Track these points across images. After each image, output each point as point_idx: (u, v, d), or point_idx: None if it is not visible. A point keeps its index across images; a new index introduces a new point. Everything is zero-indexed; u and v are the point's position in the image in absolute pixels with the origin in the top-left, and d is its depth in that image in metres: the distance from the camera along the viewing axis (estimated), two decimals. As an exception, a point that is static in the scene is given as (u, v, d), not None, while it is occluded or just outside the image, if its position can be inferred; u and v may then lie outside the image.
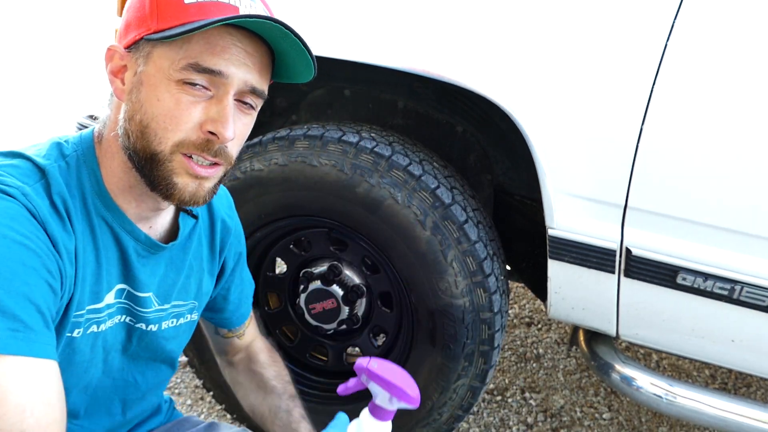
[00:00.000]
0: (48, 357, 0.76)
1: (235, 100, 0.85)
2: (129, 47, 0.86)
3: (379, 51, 1.45)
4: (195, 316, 1.10)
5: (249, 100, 0.88)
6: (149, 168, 0.85)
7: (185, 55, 0.81)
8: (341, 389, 0.95)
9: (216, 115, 0.83)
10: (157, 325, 1.01)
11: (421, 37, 1.43)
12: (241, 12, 0.83)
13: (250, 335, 1.25)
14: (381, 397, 0.88)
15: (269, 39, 0.86)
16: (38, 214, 0.80)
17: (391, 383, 0.87)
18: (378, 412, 0.90)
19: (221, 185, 1.09)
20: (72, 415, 0.96)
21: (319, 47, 1.47)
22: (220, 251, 1.11)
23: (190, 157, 0.84)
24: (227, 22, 0.80)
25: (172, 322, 1.04)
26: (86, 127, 1.81)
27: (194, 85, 0.82)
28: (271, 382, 1.20)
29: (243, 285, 1.20)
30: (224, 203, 1.13)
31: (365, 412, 0.91)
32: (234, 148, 0.89)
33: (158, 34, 0.81)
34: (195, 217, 1.03)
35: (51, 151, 0.88)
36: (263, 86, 0.88)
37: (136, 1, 0.86)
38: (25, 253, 0.76)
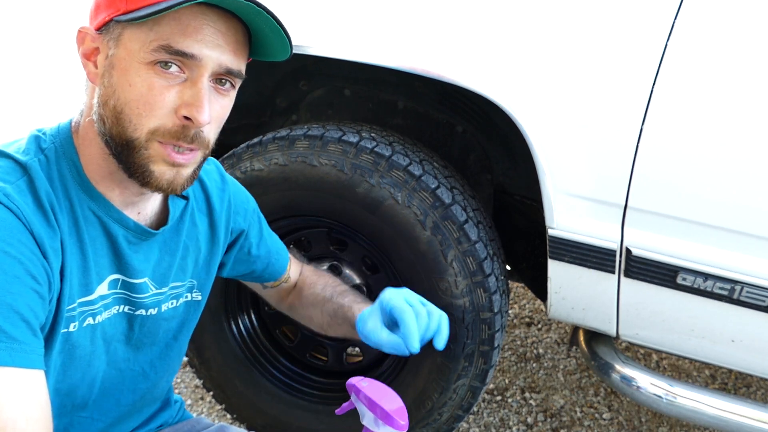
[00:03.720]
0: (32, 366, 0.75)
1: (211, 81, 0.83)
2: (100, 29, 0.83)
3: (379, 51, 1.45)
4: (197, 296, 1.08)
5: (226, 80, 0.85)
6: (126, 154, 0.82)
7: (156, 36, 0.78)
8: (338, 410, 0.95)
9: (190, 98, 0.80)
10: (156, 309, 1.00)
11: (421, 37, 1.42)
12: None
13: (295, 273, 1.28)
14: (367, 418, 0.86)
15: (243, 17, 0.82)
16: (22, 214, 0.78)
17: (376, 404, 0.84)
18: None
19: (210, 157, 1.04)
20: (80, 407, 0.96)
21: (320, 47, 1.47)
22: (225, 227, 1.08)
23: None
24: (198, 1, 0.77)
25: (172, 303, 1.03)
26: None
27: (167, 66, 0.79)
28: (321, 294, 1.22)
29: (266, 242, 1.18)
30: (215, 175, 1.10)
31: None
32: (211, 132, 0.86)
33: (127, 15, 0.78)
34: (185, 198, 1.01)
35: (30, 146, 0.86)
36: (240, 66, 0.85)
37: None
38: (6, 261, 0.75)
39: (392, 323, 1.06)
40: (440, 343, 1.11)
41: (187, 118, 0.81)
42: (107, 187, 0.88)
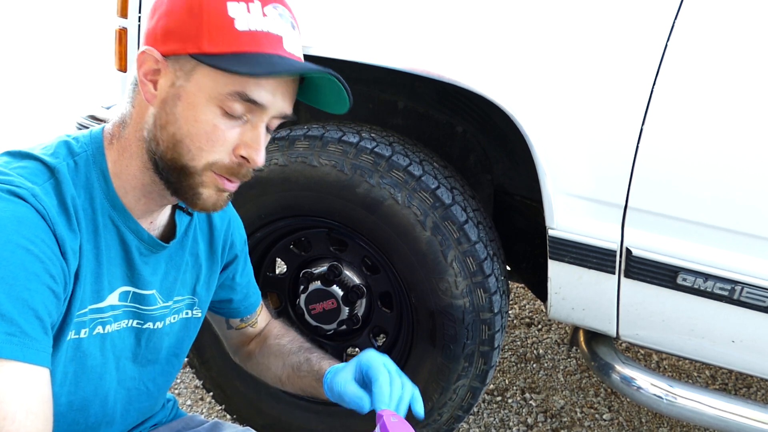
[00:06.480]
0: (40, 364, 0.76)
1: None
2: (168, 56, 0.84)
3: (379, 51, 1.45)
4: (197, 313, 1.10)
5: (275, 123, 0.90)
6: (176, 177, 0.86)
7: (232, 81, 0.81)
8: None
9: (250, 140, 0.85)
10: (162, 323, 1.02)
11: (421, 38, 1.42)
12: (285, 42, 0.84)
13: (263, 321, 1.27)
14: None
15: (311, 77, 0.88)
16: (47, 214, 0.80)
17: None
18: None
19: None
20: (92, 428, 0.97)
21: (321, 47, 1.47)
22: (222, 246, 1.11)
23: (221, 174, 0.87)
24: (291, 74, 0.83)
25: (174, 318, 1.05)
26: (86, 128, 1.81)
27: (235, 114, 0.84)
28: (287, 347, 1.21)
29: (249, 274, 1.21)
30: None
31: None
32: None
33: (211, 58, 0.81)
34: (190, 214, 1.04)
35: (59, 150, 0.88)
36: (290, 111, 0.90)
37: (178, 8, 0.83)
38: (28, 258, 0.76)
39: (363, 382, 1.04)
40: (419, 409, 1.07)
41: (243, 157, 0.85)
42: (134, 197, 0.90)
